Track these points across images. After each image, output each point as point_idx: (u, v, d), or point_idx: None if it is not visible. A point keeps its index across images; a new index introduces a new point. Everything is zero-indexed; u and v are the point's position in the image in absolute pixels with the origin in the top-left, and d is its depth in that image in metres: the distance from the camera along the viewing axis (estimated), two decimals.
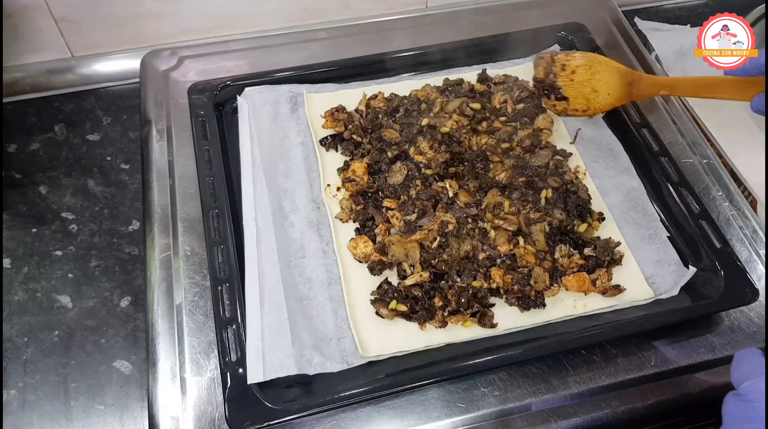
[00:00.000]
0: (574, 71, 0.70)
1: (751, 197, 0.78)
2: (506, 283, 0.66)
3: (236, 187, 0.74)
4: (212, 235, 0.68)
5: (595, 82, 0.69)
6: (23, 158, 0.84)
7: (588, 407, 0.61)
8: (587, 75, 0.69)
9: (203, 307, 0.66)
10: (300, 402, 0.58)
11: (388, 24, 0.96)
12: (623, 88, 0.67)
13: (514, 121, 0.81)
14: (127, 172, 0.83)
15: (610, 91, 0.68)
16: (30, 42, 0.89)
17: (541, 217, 0.71)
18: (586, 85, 0.70)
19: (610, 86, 0.68)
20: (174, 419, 0.59)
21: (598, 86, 0.69)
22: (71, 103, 0.90)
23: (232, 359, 0.59)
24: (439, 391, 0.61)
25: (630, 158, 0.77)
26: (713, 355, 0.64)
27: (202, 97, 0.80)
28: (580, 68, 0.69)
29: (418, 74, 0.88)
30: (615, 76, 0.68)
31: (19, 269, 0.75)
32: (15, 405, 0.65)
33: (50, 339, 0.70)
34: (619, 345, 0.64)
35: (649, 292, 0.67)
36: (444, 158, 0.76)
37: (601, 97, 0.69)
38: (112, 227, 0.78)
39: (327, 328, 0.64)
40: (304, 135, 0.80)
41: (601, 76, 0.69)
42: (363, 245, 0.68)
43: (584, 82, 0.70)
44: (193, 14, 0.92)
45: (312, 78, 0.85)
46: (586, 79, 0.69)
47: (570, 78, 0.70)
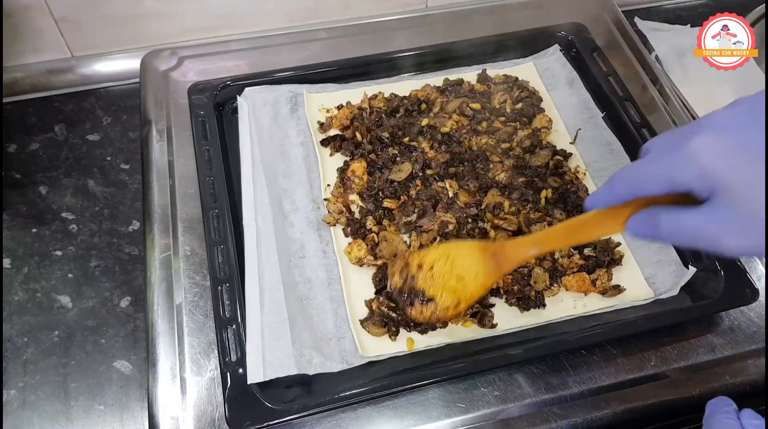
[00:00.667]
0: (432, 267, 0.61)
1: None
2: (506, 283, 0.66)
3: (236, 187, 0.74)
4: (212, 235, 0.68)
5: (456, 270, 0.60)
6: (23, 158, 0.84)
7: (588, 407, 0.61)
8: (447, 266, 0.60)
9: (203, 307, 0.66)
10: (300, 402, 0.58)
11: (388, 24, 0.96)
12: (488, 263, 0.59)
13: (514, 121, 0.81)
14: (127, 172, 0.83)
15: (476, 273, 0.59)
16: (30, 42, 0.89)
17: (541, 217, 0.71)
18: (448, 277, 0.61)
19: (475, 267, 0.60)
20: (174, 419, 0.59)
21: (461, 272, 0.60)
22: (71, 103, 0.90)
23: (232, 359, 0.59)
24: (439, 391, 0.61)
25: (630, 158, 0.77)
26: (713, 355, 0.64)
27: (202, 97, 0.80)
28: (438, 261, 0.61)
29: (418, 74, 0.88)
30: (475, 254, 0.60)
31: (19, 269, 0.75)
32: (15, 405, 0.65)
33: (50, 339, 0.70)
34: (619, 345, 0.64)
35: (649, 292, 0.67)
36: (444, 158, 0.76)
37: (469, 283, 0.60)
38: (112, 227, 0.78)
39: (327, 328, 0.64)
40: (304, 135, 0.80)
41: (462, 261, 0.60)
42: (357, 249, 0.68)
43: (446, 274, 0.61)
44: (193, 14, 0.92)
45: (312, 78, 0.85)
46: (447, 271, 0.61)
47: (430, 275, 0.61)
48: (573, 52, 0.90)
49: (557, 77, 0.87)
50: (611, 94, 0.83)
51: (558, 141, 0.81)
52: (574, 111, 0.83)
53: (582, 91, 0.85)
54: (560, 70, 0.88)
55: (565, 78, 0.87)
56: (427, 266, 0.60)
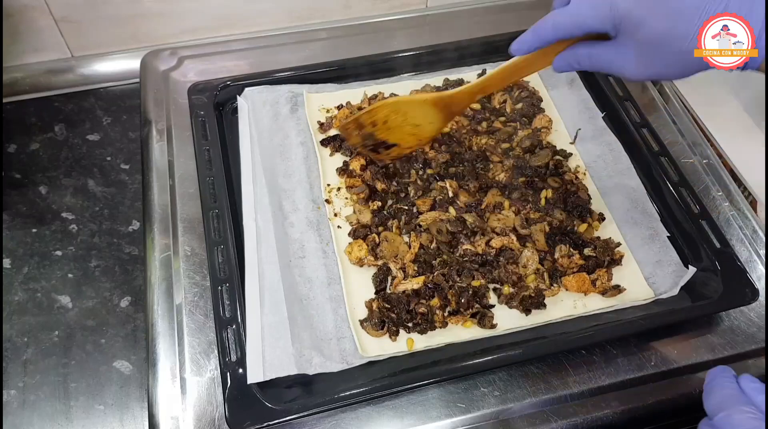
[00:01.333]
0: (386, 121, 0.67)
1: (751, 197, 0.78)
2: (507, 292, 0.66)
3: (236, 187, 0.74)
4: (212, 235, 0.68)
5: (411, 120, 0.67)
6: (23, 158, 0.84)
7: (588, 407, 0.61)
8: (400, 117, 0.67)
9: (203, 307, 0.66)
10: (300, 402, 0.58)
11: (388, 24, 0.96)
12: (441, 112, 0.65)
13: (514, 121, 0.81)
14: (127, 172, 0.84)
15: (431, 120, 0.66)
16: (30, 42, 0.89)
17: (541, 217, 0.71)
18: (405, 126, 0.67)
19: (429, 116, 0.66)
20: (174, 419, 0.59)
21: (416, 121, 0.67)
22: (71, 103, 0.90)
23: (232, 359, 0.59)
24: (439, 391, 0.61)
25: (630, 158, 0.77)
26: (713, 355, 0.64)
27: (202, 97, 0.80)
28: (390, 116, 0.67)
29: (418, 74, 0.88)
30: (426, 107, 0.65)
31: (19, 269, 0.75)
32: (15, 405, 0.65)
33: (50, 339, 0.70)
34: (619, 345, 0.64)
35: (649, 292, 0.67)
36: (444, 158, 0.76)
37: (426, 127, 0.67)
38: (112, 227, 0.78)
39: (327, 328, 0.64)
40: (304, 135, 0.80)
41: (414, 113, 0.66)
42: (357, 249, 0.68)
43: (402, 124, 0.67)
44: (193, 14, 0.92)
45: (312, 78, 0.85)
46: (401, 121, 0.67)
47: (386, 127, 0.67)
48: None
49: (557, 77, 0.87)
50: (611, 94, 0.83)
51: (558, 141, 0.81)
52: (574, 111, 0.83)
53: (582, 91, 0.85)
54: None
55: (565, 78, 0.87)
56: (380, 122, 0.66)
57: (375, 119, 0.66)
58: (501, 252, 0.68)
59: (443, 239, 0.69)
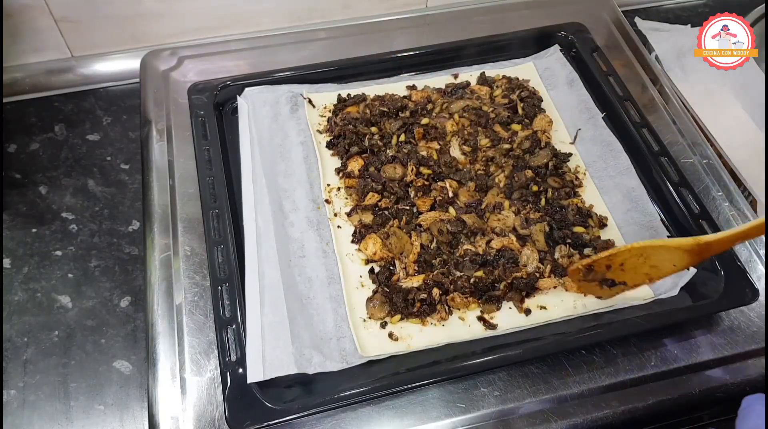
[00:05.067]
0: (623, 264, 0.63)
1: (751, 197, 0.78)
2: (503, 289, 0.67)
3: (236, 187, 0.74)
4: (212, 235, 0.68)
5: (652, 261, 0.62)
6: (23, 158, 0.84)
7: (588, 407, 0.61)
8: (639, 261, 0.62)
9: (203, 307, 0.66)
10: (300, 402, 0.58)
11: (388, 24, 0.96)
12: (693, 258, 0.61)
13: (514, 121, 0.81)
14: (127, 172, 0.84)
15: (675, 263, 0.61)
16: (30, 42, 0.89)
17: (541, 217, 0.71)
18: (642, 267, 0.63)
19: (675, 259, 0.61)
20: (174, 419, 0.59)
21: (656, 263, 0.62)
22: (71, 103, 0.90)
23: (232, 359, 0.59)
24: (439, 391, 0.61)
25: (630, 158, 0.77)
26: (713, 355, 0.64)
27: (202, 97, 0.80)
28: (628, 261, 0.62)
29: (418, 74, 0.88)
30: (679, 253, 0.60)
31: (19, 269, 0.75)
32: (15, 405, 0.65)
33: (50, 339, 0.70)
34: (619, 345, 0.64)
35: (648, 292, 0.67)
36: (444, 158, 0.76)
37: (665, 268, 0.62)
38: (112, 227, 0.78)
39: (327, 328, 0.64)
40: (304, 135, 0.80)
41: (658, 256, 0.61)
42: (372, 244, 0.68)
43: (638, 266, 0.63)
44: (193, 14, 0.92)
45: (312, 78, 0.85)
46: (640, 263, 0.62)
47: (621, 270, 0.63)
48: (573, 52, 0.90)
49: (557, 77, 0.87)
50: (611, 94, 0.83)
51: (558, 141, 0.81)
52: (574, 111, 0.83)
53: (582, 91, 0.85)
54: (560, 70, 0.88)
55: (565, 78, 0.87)
56: (617, 265, 0.63)
57: (612, 263, 0.63)
58: (501, 252, 0.68)
59: (444, 239, 0.69)
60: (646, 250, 0.61)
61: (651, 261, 0.62)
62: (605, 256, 0.63)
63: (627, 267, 0.63)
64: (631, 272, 0.63)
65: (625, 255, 0.62)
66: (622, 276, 0.64)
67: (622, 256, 0.62)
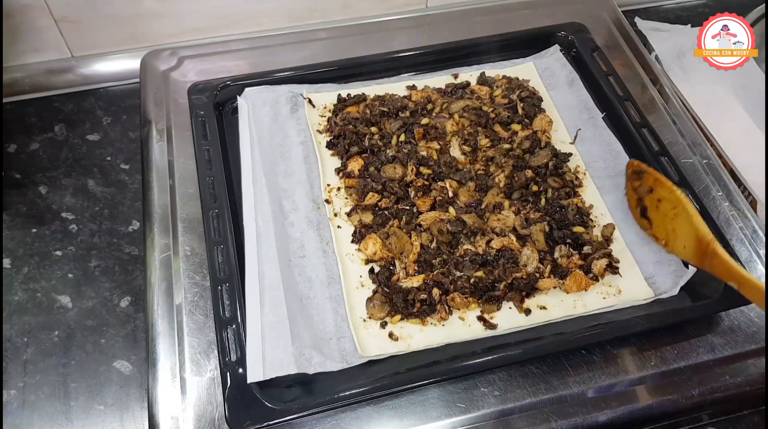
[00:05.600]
0: (660, 200, 0.65)
1: (751, 197, 0.78)
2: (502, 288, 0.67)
3: (236, 187, 0.74)
4: (212, 235, 0.68)
5: (677, 223, 0.64)
6: (23, 158, 0.84)
7: (588, 407, 0.61)
8: (671, 212, 0.64)
9: (203, 307, 0.66)
10: (300, 402, 0.58)
11: (388, 24, 0.96)
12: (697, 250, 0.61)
13: (514, 121, 0.81)
14: (127, 172, 0.84)
15: (686, 244, 0.62)
16: (30, 42, 0.89)
17: (541, 217, 0.72)
18: (669, 220, 0.64)
19: (687, 239, 0.62)
20: (174, 419, 0.59)
21: (677, 227, 0.64)
22: (71, 103, 0.90)
23: (232, 359, 0.59)
24: (439, 391, 0.61)
25: (630, 158, 0.77)
26: (713, 355, 0.64)
27: (202, 97, 0.80)
28: (665, 201, 0.65)
29: (418, 74, 0.88)
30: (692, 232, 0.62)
31: (19, 269, 0.75)
32: (15, 405, 0.65)
33: (50, 339, 0.70)
34: (619, 345, 0.64)
35: (649, 292, 0.67)
36: (444, 158, 0.76)
37: (679, 242, 0.64)
38: (112, 227, 0.78)
39: (327, 328, 0.64)
40: (304, 135, 0.80)
41: (682, 221, 0.63)
42: (373, 244, 0.68)
43: (669, 216, 0.64)
44: (193, 14, 0.92)
45: (312, 78, 0.85)
46: (670, 215, 0.64)
47: (656, 205, 0.66)
48: (573, 52, 0.90)
49: (557, 77, 0.87)
50: (611, 94, 0.83)
51: (558, 141, 0.81)
52: (574, 111, 0.83)
53: (582, 91, 0.85)
54: (560, 70, 0.88)
55: (565, 78, 0.87)
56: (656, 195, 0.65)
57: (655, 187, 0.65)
58: (501, 252, 0.68)
59: (444, 239, 0.69)
60: (679, 206, 0.64)
61: (676, 222, 0.64)
62: (657, 176, 0.66)
63: (661, 208, 0.65)
64: (660, 215, 0.65)
65: (666, 193, 0.65)
66: (654, 212, 0.66)
67: (665, 191, 0.65)
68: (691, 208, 0.63)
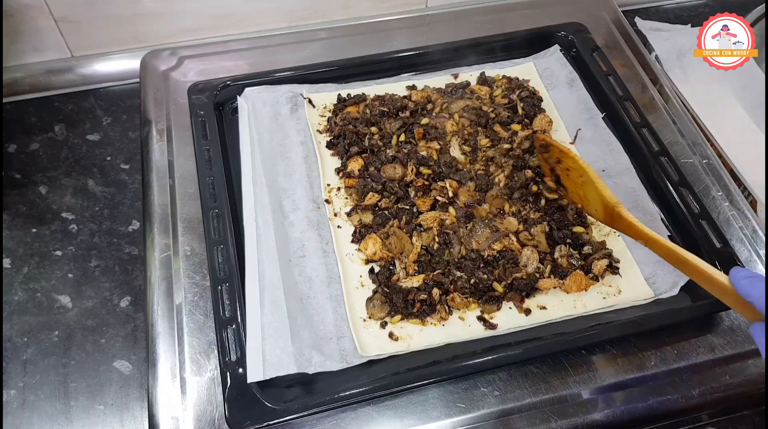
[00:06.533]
0: (569, 170, 0.68)
1: (751, 197, 0.78)
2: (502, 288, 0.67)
3: (236, 187, 0.74)
4: (212, 235, 0.68)
5: (586, 190, 0.67)
6: (23, 158, 0.84)
7: (588, 407, 0.61)
8: (579, 180, 0.67)
9: (203, 307, 0.66)
10: (300, 402, 0.58)
11: (388, 24, 0.96)
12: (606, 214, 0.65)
13: (514, 121, 0.81)
14: (127, 172, 0.84)
15: (597, 208, 0.66)
16: (30, 42, 0.89)
17: (541, 218, 0.71)
18: (579, 187, 0.68)
19: (597, 204, 0.66)
20: (174, 419, 0.59)
21: (587, 194, 0.67)
22: (71, 103, 0.90)
23: (232, 359, 0.59)
24: (439, 391, 0.61)
25: (630, 158, 0.77)
26: (713, 355, 0.64)
27: (202, 97, 0.80)
28: (573, 171, 0.68)
29: (418, 74, 0.88)
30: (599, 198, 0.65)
31: (19, 269, 0.75)
32: (15, 405, 0.65)
33: (50, 339, 0.70)
34: (619, 345, 0.64)
35: (648, 292, 0.67)
36: (444, 158, 0.76)
37: (591, 207, 0.67)
38: (112, 227, 0.78)
39: (327, 327, 0.64)
40: (304, 135, 0.80)
41: (589, 189, 0.66)
42: (373, 244, 0.68)
43: (578, 184, 0.68)
44: (193, 14, 0.92)
45: (312, 78, 0.85)
46: (579, 183, 0.68)
47: (566, 174, 0.69)
48: (573, 52, 0.90)
49: (557, 77, 0.87)
50: (611, 94, 0.83)
51: (558, 141, 0.80)
52: (574, 111, 0.83)
53: (582, 91, 0.85)
54: (560, 70, 0.88)
55: (565, 78, 0.87)
56: (564, 165, 0.69)
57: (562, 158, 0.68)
58: (501, 253, 0.68)
59: (443, 240, 0.69)
60: (585, 175, 0.66)
61: (585, 189, 0.67)
62: (561, 148, 0.69)
63: (570, 176, 0.68)
64: (571, 183, 0.69)
65: (572, 163, 0.67)
66: (566, 181, 0.70)
67: (570, 161, 0.68)
68: (595, 176, 0.66)
